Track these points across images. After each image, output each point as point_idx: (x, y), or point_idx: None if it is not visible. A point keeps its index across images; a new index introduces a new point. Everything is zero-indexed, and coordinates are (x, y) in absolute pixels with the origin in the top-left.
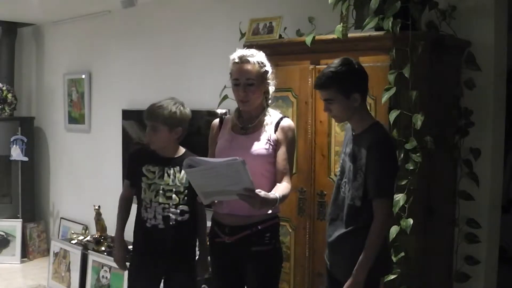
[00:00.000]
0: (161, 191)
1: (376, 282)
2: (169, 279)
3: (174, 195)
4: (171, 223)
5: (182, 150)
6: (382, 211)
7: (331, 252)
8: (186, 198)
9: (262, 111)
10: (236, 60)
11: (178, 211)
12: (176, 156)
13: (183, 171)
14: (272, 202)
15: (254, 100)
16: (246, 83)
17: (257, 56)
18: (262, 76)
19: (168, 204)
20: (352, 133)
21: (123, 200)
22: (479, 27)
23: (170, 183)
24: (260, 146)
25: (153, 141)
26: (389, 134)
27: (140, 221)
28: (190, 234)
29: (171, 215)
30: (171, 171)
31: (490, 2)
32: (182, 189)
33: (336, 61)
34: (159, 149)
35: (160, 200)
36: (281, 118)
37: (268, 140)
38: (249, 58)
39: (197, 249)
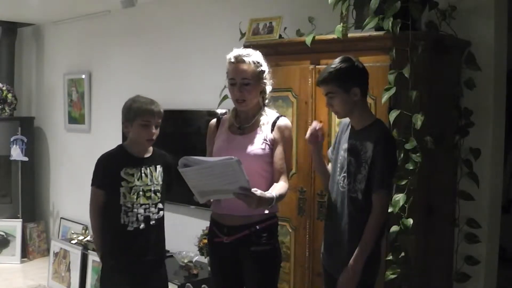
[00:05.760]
0: (141, 192)
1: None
2: (148, 279)
3: (153, 194)
4: (151, 222)
5: (151, 148)
6: (381, 203)
7: (337, 251)
8: (161, 195)
9: (258, 110)
10: (232, 60)
11: (157, 209)
12: (149, 155)
13: (158, 169)
14: (269, 201)
15: (250, 100)
16: (242, 82)
17: (253, 56)
18: (258, 76)
19: (149, 204)
20: (351, 129)
21: (99, 209)
22: (479, 27)
23: (149, 182)
24: (256, 146)
25: (154, 139)
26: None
27: (117, 226)
28: (164, 230)
29: (151, 214)
30: (148, 171)
31: (490, 2)
32: (159, 188)
33: (336, 59)
34: (142, 149)
35: (141, 201)
36: (278, 118)
37: (265, 139)
38: (245, 58)
39: None
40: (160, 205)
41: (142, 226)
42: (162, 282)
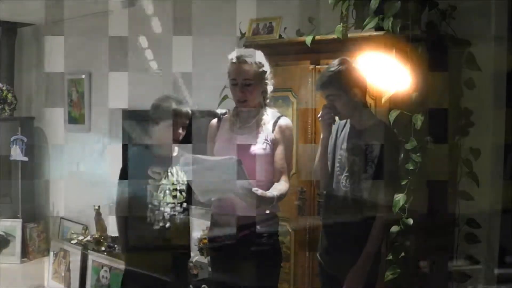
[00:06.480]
0: (167, 191)
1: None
2: (171, 278)
3: (179, 194)
4: (177, 221)
5: (176, 148)
6: (388, 201)
7: (339, 250)
8: (186, 195)
9: (259, 110)
10: (234, 60)
11: (182, 209)
12: (174, 155)
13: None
14: (269, 201)
15: (251, 100)
16: (244, 83)
17: (255, 56)
18: (259, 76)
19: (174, 203)
20: (351, 129)
21: (126, 208)
22: (479, 27)
23: (175, 182)
24: (257, 146)
25: (180, 140)
26: None
27: (143, 225)
28: (189, 229)
29: (177, 213)
30: (174, 170)
31: (490, 2)
32: (184, 187)
33: (334, 62)
34: (167, 148)
35: (168, 200)
36: (279, 117)
37: (266, 139)
38: (246, 59)
39: None
40: (185, 205)
41: (168, 224)
42: (184, 281)
